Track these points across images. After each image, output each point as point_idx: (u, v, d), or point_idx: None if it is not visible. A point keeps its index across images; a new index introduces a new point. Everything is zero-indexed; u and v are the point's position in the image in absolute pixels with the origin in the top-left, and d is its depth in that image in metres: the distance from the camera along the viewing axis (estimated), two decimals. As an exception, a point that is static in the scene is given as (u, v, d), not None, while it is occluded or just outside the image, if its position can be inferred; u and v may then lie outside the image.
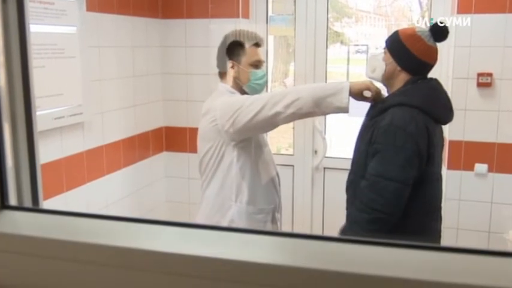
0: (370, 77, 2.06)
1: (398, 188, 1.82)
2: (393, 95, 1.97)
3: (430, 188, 1.94)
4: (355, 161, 2.02)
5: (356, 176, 1.98)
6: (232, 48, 2.25)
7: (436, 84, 1.99)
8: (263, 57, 2.31)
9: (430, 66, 1.97)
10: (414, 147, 1.83)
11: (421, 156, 1.85)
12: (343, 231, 2.04)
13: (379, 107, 1.96)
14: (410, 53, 1.93)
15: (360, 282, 0.59)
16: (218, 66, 2.32)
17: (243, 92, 2.27)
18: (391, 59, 1.98)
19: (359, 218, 1.87)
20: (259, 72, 2.25)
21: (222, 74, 2.30)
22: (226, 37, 2.29)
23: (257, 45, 2.26)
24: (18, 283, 0.75)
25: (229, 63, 2.25)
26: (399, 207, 1.84)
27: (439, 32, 1.94)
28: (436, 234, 2.03)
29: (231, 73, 2.26)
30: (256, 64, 2.25)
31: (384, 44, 2.05)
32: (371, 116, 1.98)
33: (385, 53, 2.01)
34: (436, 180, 1.98)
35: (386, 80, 2.01)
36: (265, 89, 2.40)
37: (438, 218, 2.05)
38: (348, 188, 2.06)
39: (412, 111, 1.87)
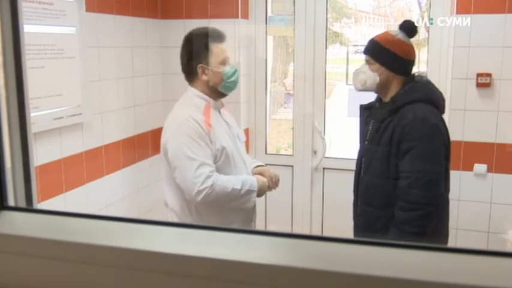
0: (360, 90, 2.10)
1: (438, 179, 1.90)
2: (401, 95, 2.00)
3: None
4: (368, 163, 2.03)
5: (374, 177, 2.01)
6: (199, 51, 2.10)
7: (428, 79, 2.10)
8: (228, 53, 2.14)
9: (414, 63, 2.07)
10: (442, 139, 1.93)
11: (445, 146, 1.95)
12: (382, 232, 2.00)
13: (388, 108, 1.99)
14: (400, 57, 2.00)
15: (360, 282, 0.59)
16: (185, 71, 2.15)
17: (216, 93, 2.13)
18: (382, 69, 2.02)
19: (408, 217, 1.90)
20: (230, 69, 2.10)
21: (190, 79, 2.15)
22: (187, 40, 2.13)
23: (221, 41, 2.12)
24: (18, 283, 0.75)
25: (199, 68, 2.09)
26: (442, 197, 1.95)
27: (410, 29, 2.03)
28: (445, 231, 2.08)
29: (201, 77, 2.10)
30: (225, 62, 2.10)
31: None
32: (382, 118, 2.00)
33: (370, 63, 2.04)
34: (446, 172, 2.03)
35: (381, 89, 2.06)
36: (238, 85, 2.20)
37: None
38: (358, 188, 2.10)
39: (427, 106, 1.95)
